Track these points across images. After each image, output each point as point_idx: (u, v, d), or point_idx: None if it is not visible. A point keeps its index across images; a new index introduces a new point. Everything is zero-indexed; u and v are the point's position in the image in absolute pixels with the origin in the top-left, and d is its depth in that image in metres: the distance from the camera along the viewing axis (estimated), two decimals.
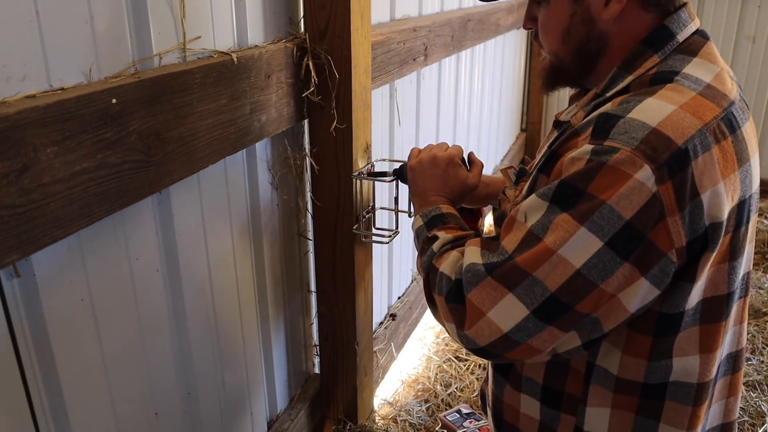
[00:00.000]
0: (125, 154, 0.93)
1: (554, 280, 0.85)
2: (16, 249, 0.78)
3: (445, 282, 0.98)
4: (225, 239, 1.33)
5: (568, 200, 0.86)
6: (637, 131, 0.84)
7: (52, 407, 0.95)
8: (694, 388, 0.95)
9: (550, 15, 1.02)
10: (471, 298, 0.91)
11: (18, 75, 0.81)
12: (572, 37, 1.01)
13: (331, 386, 1.81)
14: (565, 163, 0.88)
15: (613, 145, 0.85)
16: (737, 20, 3.83)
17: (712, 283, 0.92)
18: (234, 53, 1.18)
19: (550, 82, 1.11)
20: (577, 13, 0.99)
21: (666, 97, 0.88)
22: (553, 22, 1.02)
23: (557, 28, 1.01)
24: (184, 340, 1.24)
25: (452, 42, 2.48)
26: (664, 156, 0.83)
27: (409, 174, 1.29)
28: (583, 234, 0.84)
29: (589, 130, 0.89)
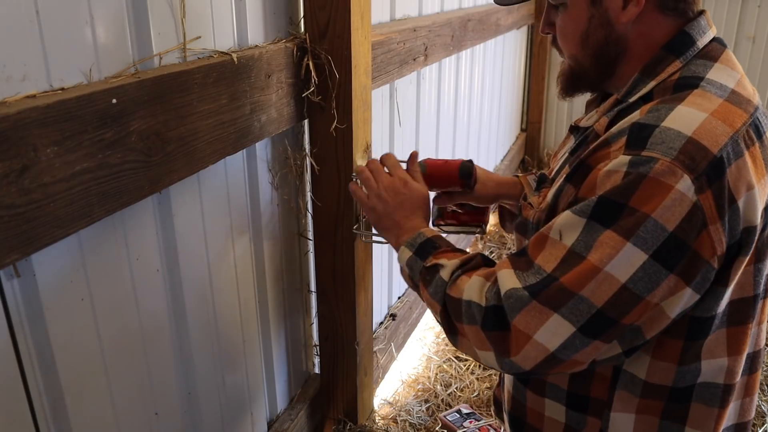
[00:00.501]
0: (125, 154, 0.93)
1: (600, 297, 0.85)
2: (17, 249, 0.78)
3: (476, 310, 0.94)
4: (225, 239, 1.33)
5: (611, 216, 0.85)
6: (674, 141, 0.84)
7: (52, 407, 0.95)
8: (720, 389, 0.96)
9: (569, 19, 1.02)
10: (516, 324, 0.89)
11: (18, 75, 0.81)
12: (591, 40, 1.00)
13: (331, 386, 1.81)
14: (601, 177, 0.88)
15: (651, 155, 0.84)
16: (737, 20, 3.83)
17: (739, 286, 0.93)
18: (234, 53, 1.18)
19: (570, 87, 1.10)
20: (595, 16, 0.99)
21: (695, 104, 0.89)
22: (571, 26, 1.02)
23: (576, 31, 1.01)
24: (184, 340, 1.24)
25: (452, 42, 2.48)
26: (702, 165, 0.83)
27: (371, 216, 1.27)
28: (629, 249, 0.83)
29: (623, 140, 0.89)
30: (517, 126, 4.46)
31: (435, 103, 2.56)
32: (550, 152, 4.56)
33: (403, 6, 2.14)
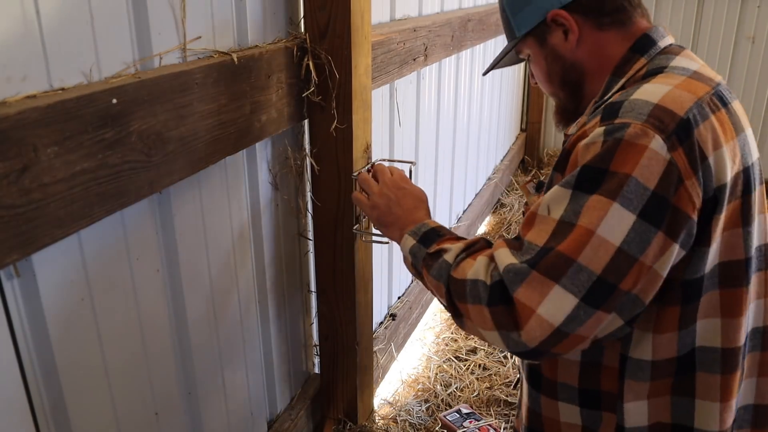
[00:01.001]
0: (125, 154, 0.93)
1: (598, 263, 0.88)
2: (17, 249, 0.78)
3: (481, 288, 0.95)
4: (225, 239, 1.33)
5: (594, 182, 0.90)
6: (642, 107, 0.93)
7: (52, 407, 0.95)
8: (719, 353, 0.98)
9: (535, 66, 1.19)
10: (518, 297, 0.90)
11: (18, 75, 0.81)
12: (553, 75, 1.16)
13: (331, 386, 1.81)
14: (581, 151, 0.94)
15: (623, 121, 0.92)
16: (737, 20, 3.83)
17: (728, 247, 0.97)
18: (234, 53, 1.18)
19: (562, 120, 1.23)
20: (548, 54, 1.15)
21: (660, 81, 0.99)
22: (538, 71, 1.19)
23: (542, 73, 1.18)
24: (184, 340, 1.24)
25: (452, 42, 2.48)
26: (671, 126, 0.91)
27: (373, 214, 1.29)
28: (616, 210, 0.88)
29: (597, 119, 0.97)
30: (517, 126, 4.47)
31: (435, 103, 2.56)
32: (549, 152, 4.56)
33: (403, 6, 2.14)
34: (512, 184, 4.10)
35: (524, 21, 1.16)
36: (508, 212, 3.64)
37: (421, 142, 2.42)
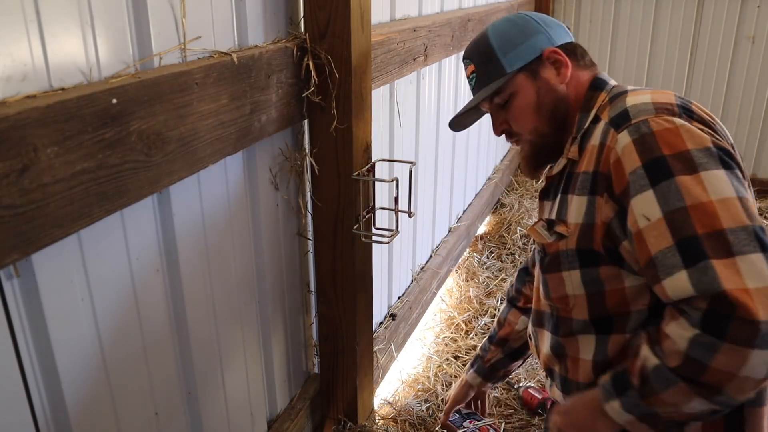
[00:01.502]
0: (125, 154, 0.93)
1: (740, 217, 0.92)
2: (17, 249, 0.78)
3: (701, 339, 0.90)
4: (225, 239, 1.33)
5: (664, 169, 0.98)
6: (645, 107, 1.07)
7: (52, 407, 0.95)
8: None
9: (521, 102, 1.26)
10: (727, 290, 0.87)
11: (18, 75, 0.81)
12: (543, 107, 1.25)
13: (331, 386, 1.81)
14: (624, 159, 1.03)
15: (640, 119, 1.05)
16: (737, 20, 3.83)
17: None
18: (234, 53, 1.18)
19: (536, 163, 1.31)
20: (540, 87, 1.25)
21: (636, 94, 1.13)
22: (524, 105, 1.26)
23: (529, 107, 1.25)
24: (184, 340, 1.24)
25: (452, 42, 2.48)
26: (676, 110, 1.05)
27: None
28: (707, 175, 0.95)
29: (612, 132, 1.09)
30: None
31: (435, 103, 2.56)
32: None
33: (403, 6, 2.14)
34: (512, 184, 4.10)
35: (517, 58, 1.26)
36: (508, 212, 3.64)
37: (421, 142, 2.42)
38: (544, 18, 1.31)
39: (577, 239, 1.14)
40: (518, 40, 1.26)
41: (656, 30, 4.02)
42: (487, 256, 3.22)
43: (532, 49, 1.25)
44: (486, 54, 1.28)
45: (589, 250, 1.13)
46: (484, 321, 2.63)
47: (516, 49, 1.25)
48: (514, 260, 3.16)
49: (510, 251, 3.25)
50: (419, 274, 2.56)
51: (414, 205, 2.39)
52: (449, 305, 2.79)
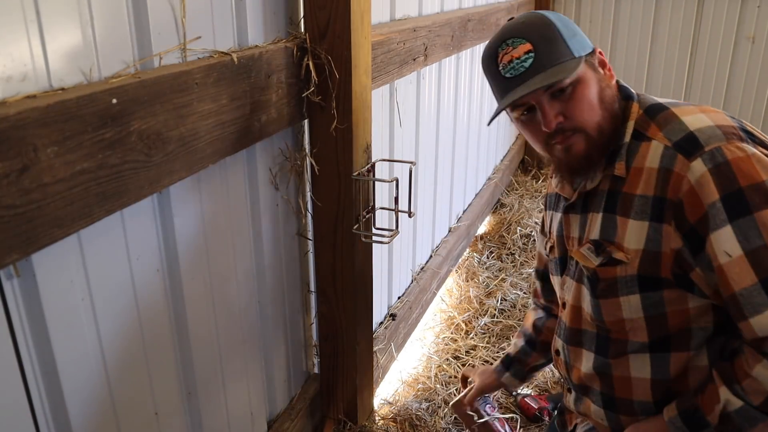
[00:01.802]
0: (125, 154, 0.93)
1: None
2: (17, 249, 0.78)
3: None
4: (225, 239, 1.33)
5: (742, 204, 0.98)
6: (713, 131, 1.05)
7: (52, 407, 0.95)
8: None
9: (586, 91, 1.13)
10: None
11: (18, 75, 0.81)
12: (606, 100, 1.15)
13: (331, 386, 1.81)
14: (700, 191, 1.02)
15: (713, 147, 1.03)
16: (737, 20, 3.83)
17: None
18: (234, 53, 1.18)
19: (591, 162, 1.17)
20: (600, 80, 1.16)
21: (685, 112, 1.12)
22: (591, 95, 1.13)
23: (594, 97, 1.14)
24: (184, 340, 1.24)
25: (452, 42, 2.48)
26: (741, 134, 1.05)
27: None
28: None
29: (680, 158, 1.06)
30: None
31: (435, 103, 2.56)
32: None
33: (403, 6, 2.14)
34: (512, 184, 4.10)
35: (580, 46, 1.14)
36: (508, 212, 3.64)
37: (421, 142, 2.42)
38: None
39: (639, 265, 1.11)
40: (574, 29, 1.17)
41: (656, 30, 4.02)
42: (487, 256, 3.22)
43: (587, 42, 1.17)
44: (549, 34, 1.12)
45: (653, 276, 1.12)
46: (484, 321, 2.63)
47: (575, 37, 1.15)
48: (514, 260, 3.16)
49: (510, 251, 3.25)
50: (419, 274, 2.56)
51: (414, 205, 2.39)
52: (449, 305, 2.79)
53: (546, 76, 1.09)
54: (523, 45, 1.12)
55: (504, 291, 2.84)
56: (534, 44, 1.12)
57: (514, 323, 2.61)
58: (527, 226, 3.42)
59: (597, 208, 1.20)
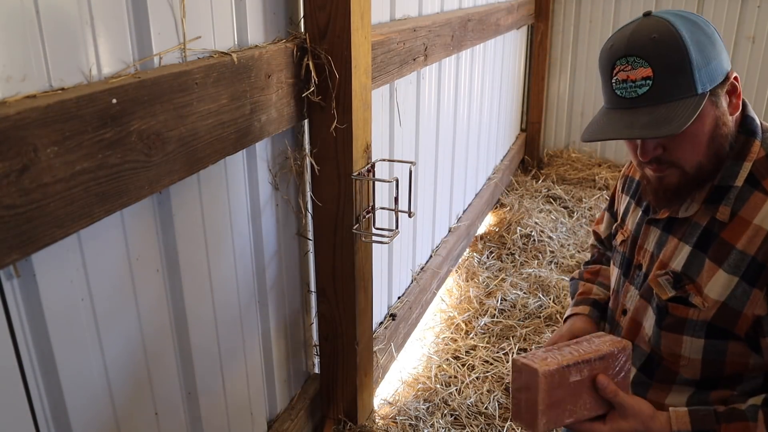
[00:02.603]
0: (125, 154, 0.93)
1: None
2: (17, 249, 0.78)
3: None
4: (225, 239, 1.33)
5: None
6: None
7: (52, 407, 0.95)
8: None
9: (698, 130, 1.04)
10: None
11: (18, 75, 0.81)
12: (717, 140, 1.05)
13: (331, 386, 1.81)
14: None
15: None
16: (737, 20, 3.83)
17: None
18: (234, 53, 1.18)
19: (677, 198, 1.12)
20: (719, 117, 1.04)
21: None
22: (700, 134, 1.04)
23: (704, 137, 1.05)
24: (184, 340, 1.24)
25: (452, 42, 2.48)
26: None
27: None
28: None
29: None
30: (516, 126, 4.47)
31: (435, 103, 2.56)
32: (549, 152, 4.56)
33: (403, 6, 2.14)
34: (512, 184, 4.10)
35: (709, 77, 1.01)
36: (507, 212, 3.64)
37: (421, 142, 2.42)
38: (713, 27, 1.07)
39: (714, 316, 1.08)
40: (711, 54, 1.02)
41: None
42: (487, 256, 3.22)
43: (721, 70, 1.03)
44: (678, 63, 1.00)
45: (724, 328, 1.09)
46: (484, 321, 2.63)
47: (709, 66, 1.01)
48: (513, 260, 3.16)
49: (510, 251, 3.25)
50: (419, 274, 2.56)
51: (414, 205, 2.39)
52: (449, 305, 2.80)
53: (654, 121, 1.01)
54: (644, 69, 1.02)
55: (504, 291, 2.84)
56: (655, 71, 1.01)
57: (514, 323, 2.61)
58: (527, 226, 3.42)
59: (686, 238, 1.13)
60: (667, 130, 0.99)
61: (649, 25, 1.04)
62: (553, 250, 3.22)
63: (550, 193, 3.95)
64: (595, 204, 3.79)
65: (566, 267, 3.10)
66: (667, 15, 1.05)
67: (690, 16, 1.05)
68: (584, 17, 4.21)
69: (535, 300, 2.77)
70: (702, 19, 1.06)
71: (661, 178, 1.10)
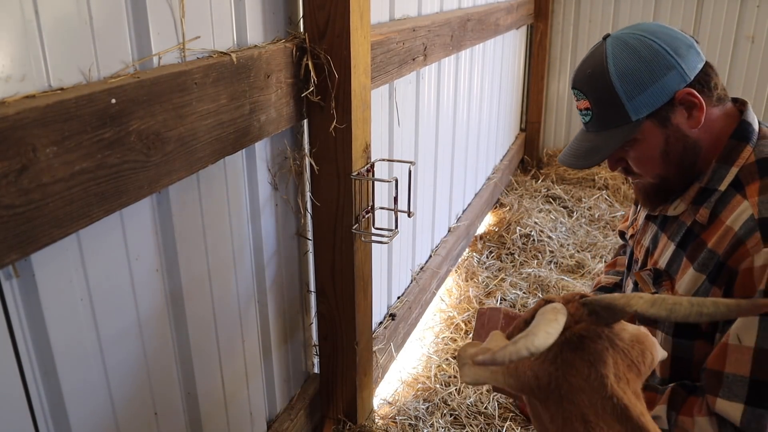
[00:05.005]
0: (125, 154, 0.93)
1: None
2: (16, 249, 0.78)
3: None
4: (224, 239, 1.33)
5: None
6: None
7: (51, 407, 0.95)
8: None
9: (645, 148, 1.13)
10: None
11: (17, 75, 0.81)
12: (671, 155, 1.12)
13: (330, 386, 1.81)
14: (756, 274, 0.98)
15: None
16: (736, 20, 3.83)
17: None
18: (233, 53, 1.18)
19: (657, 200, 1.20)
20: (670, 135, 1.11)
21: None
22: (648, 152, 1.13)
23: (655, 155, 1.13)
24: (184, 340, 1.24)
25: (451, 42, 2.48)
26: None
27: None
28: None
29: (757, 236, 1.00)
30: (516, 126, 4.46)
31: (434, 103, 2.56)
32: (549, 152, 4.56)
33: (403, 6, 2.14)
34: (512, 184, 4.10)
35: (645, 103, 1.09)
36: (507, 212, 3.64)
37: (421, 142, 2.42)
38: (674, 41, 1.10)
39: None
40: (647, 80, 1.08)
41: None
42: (487, 256, 3.22)
43: (663, 93, 1.08)
44: (606, 96, 1.11)
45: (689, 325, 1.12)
46: None
47: (644, 93, 1.08)
48: (513, 260, 3.16)
49: (509, 251, 3.25)
50: (419, 274, 2.56)
51: (413, 204, 2.39)
52: (449, 305, 2.80)
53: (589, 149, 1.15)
54: (584, 101, 1.15)
55: (503, 291, 2.84)
56: (591, 104, 1.14)
57: None
58: (527, 226, 3.42)
59: (673, 237, 1.18)
60: (584, 162, 1.15)
61: (591, 57, 1.15)
62: (553, 250, 3.22)
63: (549, 193, 3.95)
64: (595, 204, 3.79)
65: (566, 267, 3.10)
66: (612, 43, 1.13)
67: (637, 38, 1.11)
68: (584, 17, 4.21)
69: (534, 300, 2.77)
70: (648, 39, 1.11)
71: (635, 183, 1.21)
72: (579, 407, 0.74)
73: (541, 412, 0.80)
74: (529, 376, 0.78)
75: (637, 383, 0.77)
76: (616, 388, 0.74)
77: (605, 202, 3.81)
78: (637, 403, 0.74)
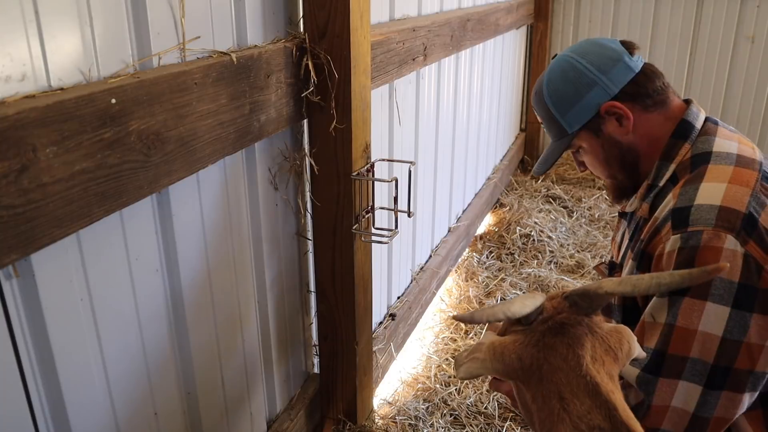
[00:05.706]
0: (124, 154, 0.93)
1: (708, 353, 1.00)
2: (16, 249, 0.78)
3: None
4: (224, 239, 1.33)
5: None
6: (709, 212, 1.05)
7: (51, 407, 0.95)
8: None
9: (590, 155, 1.31)
10: (655, 402, 1.04)
11: (17, 75, 0.81)
12: (611, 160, 1.28)
13: (330, 386, 1.81)
14: (665, 260, 1.07)
15: (696, 229, 1.05)
16: (736, 20, 3.83)
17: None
18: (233, 53, 1.18)
19: (620, 196, 1.35)
20: (604, 143, 1.26)
21: (713, 178, 1.11)
22: (593, 159, 1.31)
23: (598, 160, 1.30)
24: (184, 340, 1.24)
25: (451, 42, 2.48)
26: (737, 224, 1.03)
27: None
28: (710, 307, 1.01)
29: (669, 225, 1.10)
30: (516, 126, 4.47)
31: (434, 103, 2.56)
32: None
33: (403, 6, 2.14)
34: (512, 184, 4.10)
35: (575, 118, 1.26)
36: (507, 212, 3.64)
37: (421, 142, 2.42)
38: (599, 59, 1.25)
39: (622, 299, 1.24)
40: (573, 98, 1.25)
41: (656, 30, 4.02)
42: (487, 256, 3.22)
43: (588, 108, 1.24)
44: (546, 113, 1.31)
45: (632, 306, 1.23)
46: None
47: (572, 110, 1.26)
48: (513, 260, 3.16)
49: (509, 251, 3.25)
50: (419, 274, 2.56)
51: (413, 204, 2.39)
52: (449, 305, 2.80)
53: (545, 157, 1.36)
54: (538, 116, 1.36)
55: (503, 291, 2.84)
56: (540, 118, 1.35)
57: None
58: (527, 226, 3.42)
59: (629, 231, 1.30)
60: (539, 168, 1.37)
61: (539, 78, 1.34)
62: (553, 250, 3.22)
63: (549, 193, 3.95)
64: (595, 204, 3.79)
65: (566, 267, 3.10)
66: (551, 65, 1.31)
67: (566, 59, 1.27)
68: (584, 17, 4.21)
69: None
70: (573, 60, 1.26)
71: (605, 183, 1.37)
72: (557, 385, 0.81)
73: (525, 394, 0.87)
74: (513, 359, 0.85)
75: (614, 367, 0.84)
76: (591, 368, 0.81)
77: (605, 202, 3.81)
78: (608, 382, 0.81)
